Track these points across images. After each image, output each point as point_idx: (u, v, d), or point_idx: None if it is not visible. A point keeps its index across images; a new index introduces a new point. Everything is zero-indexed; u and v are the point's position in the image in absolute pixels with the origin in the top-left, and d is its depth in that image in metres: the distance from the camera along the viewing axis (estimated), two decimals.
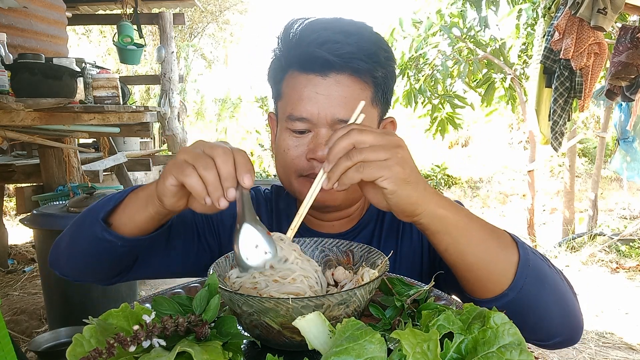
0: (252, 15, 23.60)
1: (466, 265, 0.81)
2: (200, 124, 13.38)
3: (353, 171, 0.71)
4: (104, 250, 0.90)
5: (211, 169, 0.71)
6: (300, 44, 0.93)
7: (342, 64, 0.91)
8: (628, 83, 3.40)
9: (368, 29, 0.96)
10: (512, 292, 0.79)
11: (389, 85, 1.00)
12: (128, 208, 0.89)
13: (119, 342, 0.53)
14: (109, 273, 1.00)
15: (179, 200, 0.78)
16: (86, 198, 2.85)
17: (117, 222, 0.90)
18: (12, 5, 2.97)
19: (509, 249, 0.81)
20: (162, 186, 0.76)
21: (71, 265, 1.01)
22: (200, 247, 1.09)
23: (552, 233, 6.01)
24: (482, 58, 5.35)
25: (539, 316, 0.81)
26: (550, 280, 0.82)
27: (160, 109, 6.11)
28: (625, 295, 4.08)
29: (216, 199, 0.71)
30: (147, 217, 0.85)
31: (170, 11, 6.55)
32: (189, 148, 0.75)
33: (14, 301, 3.80)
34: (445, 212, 0.76)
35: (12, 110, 2.30)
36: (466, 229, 0.78)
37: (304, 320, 0.58)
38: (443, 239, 0.78)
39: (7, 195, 6.73)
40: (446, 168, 8.87)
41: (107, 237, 0.88)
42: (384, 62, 0.95)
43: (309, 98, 0.92)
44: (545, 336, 0.84)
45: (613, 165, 4.92)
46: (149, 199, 0.84)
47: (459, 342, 0.58)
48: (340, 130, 0.74)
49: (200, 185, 0.71)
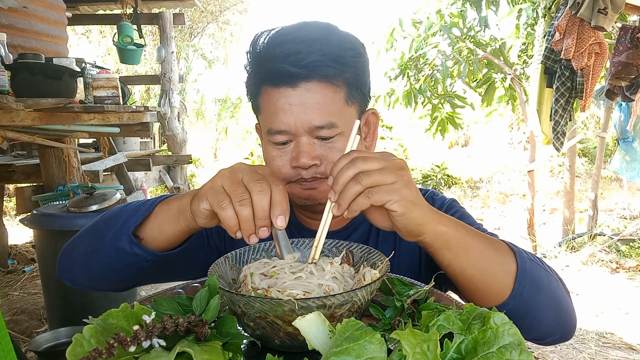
0: (252, 15, 23.62)
1: (467, 278, 0.83)
2: (200, 124, 13.37)
3: (362, 198, 0.72)
4: (129, 264, 0.90)
5: (247, 206, 0.72)
6: (267, 59, 0.94)
7: (309, 74, 0.91)
8: (628, 83, 3.40)
9: (333, 31, 0.96)
10: (512, 301, 0.82)
11: (363, 80, 0.99)
12: (158, 220, 0.89)
13: (119, 342, 0.53)
14: (128, 283, 0.99)
15: (212, 220, 0.79)
16: (86, 198, 2.85)
17: (146, 236, 0.89)
18: (12, 5, 2.97)
19: (507, 259, 0.84)
20: (196, 207, 0.77)
21: (87, 276, 0.99)
22: (210, 251, 1.10)
23: (552, 233, 6.01)
24: (482, 58, 5.35)
25: (535, 319, 0.84)
26: (545, 285, 0.85)
27: (160, 109, 6.11)
28: (625, 295, 4.08)
29: (247, 235, 0.73)
30: (178, 230, 0.86)
31: (170, 11, 6.55)
32: (228, 172, 0.76)
33: (14, 301, 3.80)
34: (446, 228, 0.79)
35: (12, 110, 2.30)
36: (466, 243, 0.81)
37: (304, 320, 0.58)
38: (445, 255, 0.81)
39: (7, 195, 6.73)
40: (446, 168, 8.87)
41: (136, 252, 0.87)
42: (352, 61, 0.95)
43: (283, 111, 0.93)
44: (540, 336, 0.87)
45: (613, 165, 4.92)
46: (181, 213, 0.84)
47: (459, 343, 0.58)
48: (343, 159, 0.75)
49: (234, 220, 0.72)
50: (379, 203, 0.72)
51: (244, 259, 0.84)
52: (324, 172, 0.95)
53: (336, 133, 0.94)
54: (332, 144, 0.95)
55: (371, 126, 1.08)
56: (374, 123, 1.08)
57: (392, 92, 5.75)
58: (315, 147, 0.94)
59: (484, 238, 0.84)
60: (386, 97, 5.79)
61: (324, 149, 0.95)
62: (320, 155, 0.95)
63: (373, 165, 0.73)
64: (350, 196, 0.72)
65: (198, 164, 10.77)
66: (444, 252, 0.80)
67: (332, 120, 0.93)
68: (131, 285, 1.00)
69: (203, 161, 11.30)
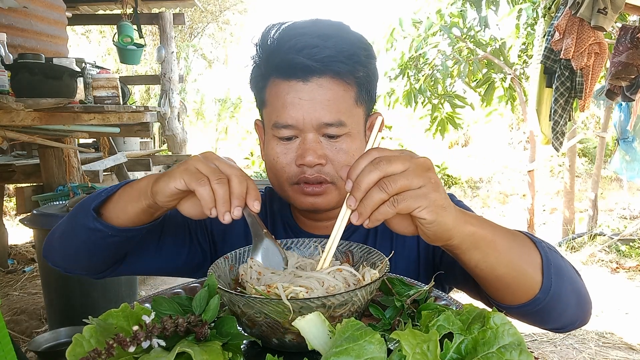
0: (252, 15, 23.60)
1: (498, 277, 0.78)
2: (200, 124, 13.38)
3: (387, 206, 0.65)
4: (95, 241, 0.91)
5: (224, 185, 0.73)
6: (279, 51, 0.92)
7: (322, 68, 0.90)
8: (628, 83, 3.39)
9: (346, 30, 0.96)
10: (544, 294, 0.78)
11: (372, 83, 0.99)
12: (121, 200, 0.90)
13: (119, 342, 0.52)
14: (99, 266, 1.00)
15: (172, 201, 0.80)
16: None
17: (109, 214, 0.90)
18: (12, 5, 2.97)
19: (532, 251, 0.80)
20: (164, 185, 0.77)
21: (63, 256, 1.01)
22: (192, 248, 1.09)
23: (552, 233, 6.01)
24: (482, 58, 5.36)
25: (561, 308, 0.82)
26: (566, 272, 0.82)
27: (160, 109, 6.11)
28: (625, 295, 4.08)
29: (222, 212, 0.73)
30: (139, 209, 0.86)
31: (170, 11, 6.55)
32: (201, 159, 0.77)
33: (14, 301, 3.80)
34: (474, 228, 0.73)
35: (12, 110, 2.30)
36: (494, 240, 0.75)
37: (304, 320, 0.58)
38: (473, 255, 0.75)
39: (7, 195, 6.73)
40: (446, 168, 8.87)
41: (98, 227, 0.88)
42: (365, 61, 0.95)
43: (292, 104, 0.92)
44: (564, 324, 0.85)
45: (613, 165, 4.92)
46: (142, 192, 0.84)
47: (459, 343, 0.58)
48: (363, 159, 0.68)
49: (210, 196, 0.73)
50: (406, 211, 0.66)
51: (244, 259, 0.84)
52: (328, 172, 0.94)
53: (343, 132, 0.93)
54: (339, 144, 0.94)
55: None
56: None
57: (392, 92, 5.76)
58: (321, 145, 0.93)
59: (509, 232, 0.80)
60: (386, 97, 5.80)
61: (330, 149, 0.94)
62: (326, 155, 0.94)
63: (398, 167, 0.66)
64: (374, 205, 0.65)
65: None
66: (472, 252, 0.74)
67: (341, 119, 0.92)
68: (105, 268, 1.01)
69: None
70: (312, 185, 0.95)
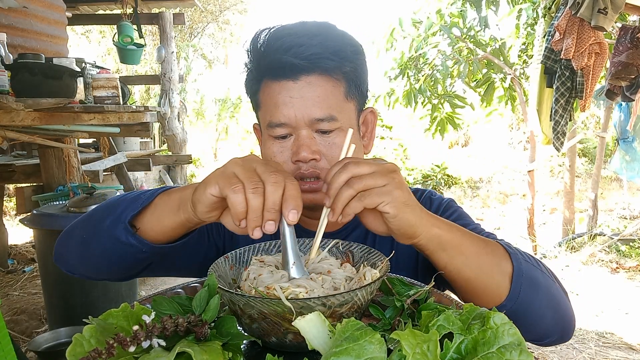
0: (252, 15, 23.61)
1: (464, 280, 0.84)
2: (200, 124, 13.39)
3: (355, 201, 0.74)
4: (124, 254, 0.88)
5: (259, 195, 0.67)
6: (268, 53, 0.95)
7: (310, 66, 0.92)
8: (628, 83, 3.39)
9: (332, 28, 0.98)
10: (510, 302, 0.83)
11: (362, 77, 1.01)
12: (157, 211, 0.86)
13: (119, 342, 0.52)
14: (124, 274, 0.97)
15: (213, 211, 0.75)
16: (86, 198, 2.85)
17: (144, 226, 0.86)
18: (12, 5, 2.97)
19: (503, 260, 0.85)
20: (201, 192, 0.72)
21: (83, 264, 0.97)
22: (209, 247, 1.09)
23: (552, 233, 6.01)
24: (482, 58, 5.35)
25: (533, 319, 0.85)
26: (542, 285, 0.86)
27: (160, 109, 6.11)
28: (625, 295, 4.08)
29: (252, 227, 0.68)
30: (176, 223, 0.83)
31: (170, 11, 6.55)
32: (241, 161, 0.73)
33: (14, 301, 3.80)
34: (440, 231, 0.80)
35: (12, 110, 2.30)
36: (461, 244, 0.82)
37: (304, 320, 0.58)
38: (441, 257, 0.82)
39: (7, 195, 6.74)
40: (446, 168, 8.87)
41: (131, 242, 0.85)
42: (351, 57, 0.97)
43: (284, 103, 0.94)
44: (539, 336, 0.88)
45: (613, 165, 4.92)
46: (181, 203, 0.81)
47: (459, 343, 0.58)
48: (336, 166, 0.77)
49: (242, 207, 0.68)
50: (372, 205, 0.73)
51: (244, 259, 0.84)
52: (323, 168, 0.96)
53: (336, 127, 0.95)
54: (332, 139, 0.96)
55: (369, 125, 1.09)
56: (372, 122, 1.09)
57: (392, 92, 5.75)
58: (315, 141, 0.95)
59: (479, 240, 0.85)
60: (386, 97, 5.79)
61: (324, 144, 0.96)
62: (320, 151, 0.95)
63: (365, 169, 0.74)
64: (343, 200, 0.73)
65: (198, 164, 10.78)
66: (439, 254, 0.81)
67: (332, 114, 0.94)
68: (127, 276, 0.98)
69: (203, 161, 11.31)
70: (309, 182, 0.97)
